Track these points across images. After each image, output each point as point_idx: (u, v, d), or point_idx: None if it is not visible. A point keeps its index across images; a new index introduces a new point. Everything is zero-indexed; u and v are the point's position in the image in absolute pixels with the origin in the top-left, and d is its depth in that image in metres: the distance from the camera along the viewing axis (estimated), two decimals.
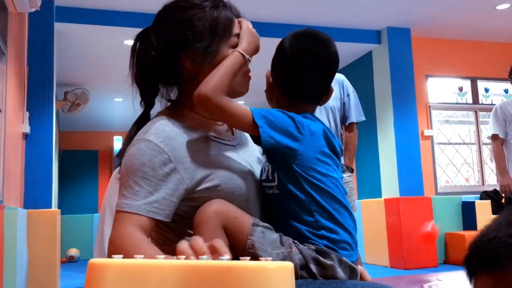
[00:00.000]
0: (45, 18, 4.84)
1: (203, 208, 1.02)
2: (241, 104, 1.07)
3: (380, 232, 5.69)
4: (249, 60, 1.11)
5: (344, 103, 3.16)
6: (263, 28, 5.56)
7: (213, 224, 0.99)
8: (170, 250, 0.97)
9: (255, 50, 1.14)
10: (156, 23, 1.14)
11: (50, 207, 4.56)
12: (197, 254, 0.71)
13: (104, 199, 2.33)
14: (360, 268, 1.13)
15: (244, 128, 1.08)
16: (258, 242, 1.00)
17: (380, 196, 6.08)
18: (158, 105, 1.21)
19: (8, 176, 3.66)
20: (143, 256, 0.60)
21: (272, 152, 1.08)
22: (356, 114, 3.19)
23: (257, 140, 1.07)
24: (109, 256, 0.95)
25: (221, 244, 0.73)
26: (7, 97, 3.63)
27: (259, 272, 0.55)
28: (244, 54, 1.09)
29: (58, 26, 5.04)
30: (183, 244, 0.74)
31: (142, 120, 1.15)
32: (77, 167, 10.27)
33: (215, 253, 0.71)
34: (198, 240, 0.74)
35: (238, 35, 1.13)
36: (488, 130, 3.95)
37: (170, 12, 1.12)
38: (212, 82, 1.03)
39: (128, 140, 1.11)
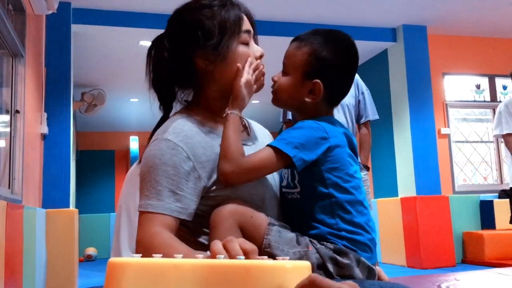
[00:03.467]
0: (62, 20, 4.90)
1: (219, 208, 1.02)
2: (258, 151, 1.06)
3: (396, 231, 5.65)
4: (241, 117, 1.11)
5: (359, 101, 3.18)
6: (277, 27, 5.56)
7: (229, 223, 1.00)
8: None
9: (249, 96, 1.13)
10: (167, 27, 1.17)
11: (68, 206, 4.62)
12: (231, 256, 0.69)
13: (119, 199, 2.34)
14: (377, 268, 1.12)
15: (277, 168, 1.07)
16: (275, 241, 1.00)
17: (397, 195, 6.04)
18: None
19: (27, 176, 3.71)
20: (161, 255, 0.61)
21: None
22: (371, 112, 3.21)
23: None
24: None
25: (252, 247, 0.71)
26: (25, 99, 3.68)
27: (277, 271, 0.55)
28: (237, 113, 1.09)
29: (75, 28, 5.10)
30: (218, 245, 0.71)
31: (162, 123, 1.16)
32: (94, 167, 10.37)
33: (247, 255, 0.70)
34: (234, 243, 0.72)
35: (247, 32, 1.14)
36: (499, 128, 3.90)
37: (179, 15, 1.15)
38: (228, 156, 1.03)
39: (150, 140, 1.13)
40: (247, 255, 0.70)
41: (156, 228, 0.97)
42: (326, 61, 1.11)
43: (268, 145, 1.05)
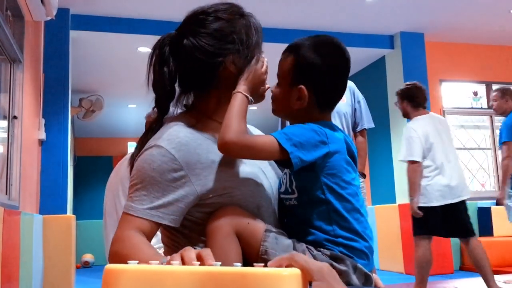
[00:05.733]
0: (61, 26, 4.91)
1: (215, 215, 1.02)
2: (262, 135, 1.08)
3: (394, 238, 5.64)
4: (252, 101, 1.12)
5: (355, 109, 3.22)
6: (275, 34, 5.58)
7: (226, 230, 0.99)
8: None
9: (255, 93, 1.14)
10: (195, 27, 1.14)
11: (65, 212, 4.60)
12: (185, 263, 0.74)
13: (104, 204, 2.35)
14: (373, 276, 1.12)
15: (272, 157, 1.07)
16: (271, 248, 1.00)
17: (394, 202, 6.04)
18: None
19: (24, 182, 3.70)
20: (158, 262, 0.61)
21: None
22: (367, 121, 3.26)
23: (282, 162, 1.06)
24: (110, 255, 0.99)
25: (208, 252, 0.76)
26: (23, 104, 3.68)
27: (273, 278, 0.55)
28: (247, 95, 1.10)
29: (73, 34, 5.11)
30: (189, 251, 0.77)
31: (157, 126, 1.15)
32: (91, 173, 10.34)
33: (202, 261, 0.74)
34: (207, 252, 0.77)
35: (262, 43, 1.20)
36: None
37: (213, 18, 1.13)
38: (233, 127, 1.03)
39: (140, 144, 1.12)
40: (202, 260, 0.73)
41: (129, 232, 0.99)
42: (309, 66, 1.12)
43: (270, 134, 1.06)
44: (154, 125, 1.16)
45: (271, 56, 1.19)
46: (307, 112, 1.14)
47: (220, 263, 0.62)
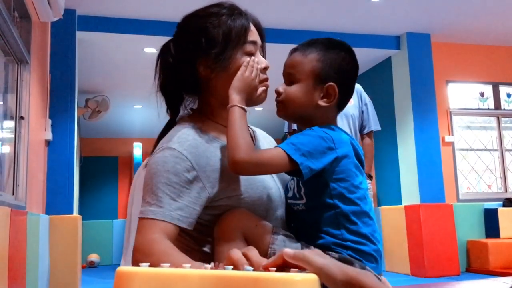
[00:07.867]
0: (67, 27, 4.92)
1: (224, 217, 1.02)
2: (269, 149, 1.07)
3: (400, 239, 5.63)
4: (246, 110, 1.09)
5: (362, 111, 3.23)
6: (280, 35, 5.58)
7: (234, 233, 0.99)
8: (190, 258, 0.97)
9: (251, 99, 1.12)
10: (175, 32, 1.18)
11: (71, 213, 4.62)
12: (254, 267, 0.70)
13: (128, 206, 2.37)
14: (382, 279, 1.12)
15: (283, 170, 1.05)
16: (280, 250, 1.00)
17: (401, 203, 6.02)
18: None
19: (31, 183, 3.72)
20: (169, 264, 0.61)
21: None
22: (374, 123, 3.27)
23: (291, 171, 1.05)
24: (135, 262, 0.94)
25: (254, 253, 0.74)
26: (30, 105, 3.70)
27: (285, 283, 0.55)
28: (243, 107, 1.08)
29: (80, 35, 5.12)
30: (237, 253, 0.73)
31: (170, 128, 1.16)
32: (97, 173, 10.37)
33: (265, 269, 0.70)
34: (254, 252, 0.75)
35: (253, 43, 1.13)
36: None
37: (187, 21, 1.15)
38: (240, 146, 1.01)
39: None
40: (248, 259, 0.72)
41: (155, 235, 0.96)
42: (335, 65, 1.12)
43: (277, 147, 1.04)
44: (167, 127, 1.18)
45: (276, 56, 1.18)
46: (326, 111, 1.13)
47: (231, 266, 0.61)
